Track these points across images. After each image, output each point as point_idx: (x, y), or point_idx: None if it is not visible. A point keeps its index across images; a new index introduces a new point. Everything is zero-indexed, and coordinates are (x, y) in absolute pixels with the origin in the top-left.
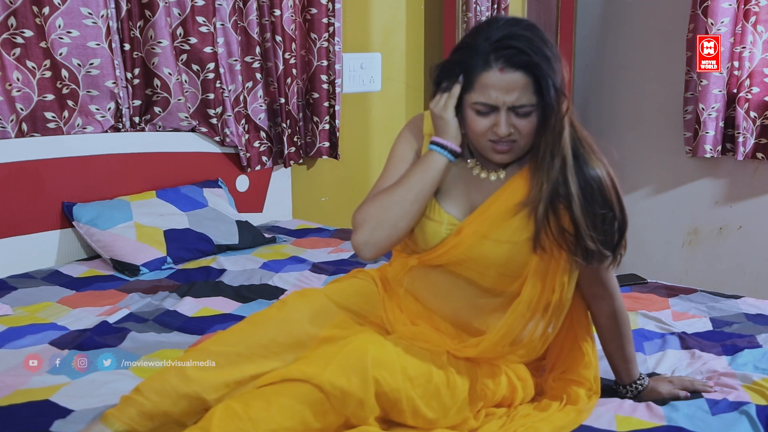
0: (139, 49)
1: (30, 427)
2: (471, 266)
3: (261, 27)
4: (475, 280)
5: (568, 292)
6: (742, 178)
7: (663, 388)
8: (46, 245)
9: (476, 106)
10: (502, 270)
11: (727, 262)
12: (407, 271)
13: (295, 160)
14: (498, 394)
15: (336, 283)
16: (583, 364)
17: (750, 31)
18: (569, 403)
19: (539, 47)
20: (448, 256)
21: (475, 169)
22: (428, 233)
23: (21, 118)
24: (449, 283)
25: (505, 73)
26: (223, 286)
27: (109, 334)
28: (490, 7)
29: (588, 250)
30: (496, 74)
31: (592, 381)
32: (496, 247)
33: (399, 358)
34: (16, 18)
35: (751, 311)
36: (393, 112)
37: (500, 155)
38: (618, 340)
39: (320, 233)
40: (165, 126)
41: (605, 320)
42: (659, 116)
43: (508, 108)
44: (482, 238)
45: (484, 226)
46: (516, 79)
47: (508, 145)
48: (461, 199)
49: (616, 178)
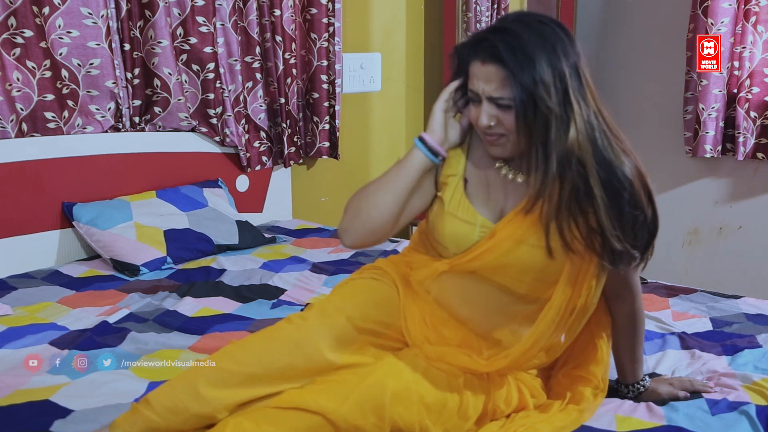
0: (139, 49)
1: (30, 427)
2: (507, 272)
3: (261, 27)
4: (509, 287)
5: (595, 297)
6: (742, 178)
7: (662, 389)
8: (46, 245)
9: (469, 94)
10: (539, 275)
11: (727, 262)
12: (436, 277)
13: (295, 160)
14: (509, 409)
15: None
16: (595, 360)
17: (750, 31)
18: (572, 402)
19: (519, 43)
20: (481, 261)
21: (503, 170)
22: (460, 236)
23: (21, 118)
24: (481, 290)
25: (485, 65)
26: (223, 286)
27: (109, 334)
28: (490, 7)
29: (615, 252)
30: (478, 65)
31: (600, 379)
32: (533, 252)
33: (417, 385)
34: (16, 18)
35: (751, 311)
36: (393, 112)
37: (492, 147)
38: (631, 340)
39: (320, 233)
40: (165, 126)
41: (624, 319)
42: (659, 116)
43: (489, 99)
44: (518, 242)
45: (520, 230)
46: (493, 72)
47: (495, 136)
48: (492, 201)
49: (647, 176)
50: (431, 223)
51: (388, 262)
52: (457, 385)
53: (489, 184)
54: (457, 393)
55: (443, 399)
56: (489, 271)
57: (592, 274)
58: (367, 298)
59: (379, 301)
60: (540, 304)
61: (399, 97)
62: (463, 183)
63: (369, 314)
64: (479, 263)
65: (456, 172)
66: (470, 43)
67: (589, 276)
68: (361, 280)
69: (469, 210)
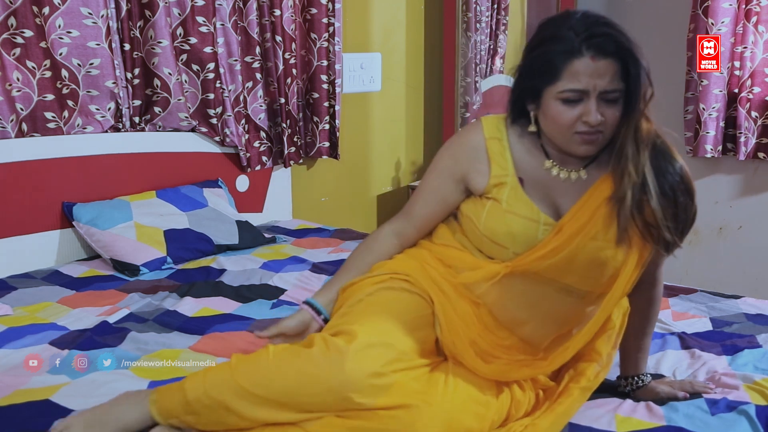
0: (139, 49)
1: (30, 427)
2: (574, 269)
3: (261, 27)
4: (573, 285)
5: (631, 285)
6: (742, 178)
7: (661, 389)
8: (46, 245)
9: (565, 94)
10: (604, 270)
11: (727, 262)
12: (495, 282)
13: (295, 160)
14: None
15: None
16: (604, 337)
17: (751, 31)
18: (573, 381)
19: (628, 38)
20: (551, 259)
21: (553, 170)
22: (522, 233)
23: (21, 118)
24: (543, 292)
25: (597, 60)
26: (223, 286)
27: (109, 334)
28: (490, 7)
29: (666, 241)
30: (587, 61)
31: (604, 357)
32: (602, 246)
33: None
34: (16, 18)
35: (751, 311)
36: (393, 112)
37: (586, 146)
38: (641, 327)
39: (320, 233)
40: (165, 126)
41: (643, 303)
42: (660, 116)
43: (601, 93)
44: (588, 237)
45: (588, 225)
46: (607, 65)
47: (595, 135)
48: (548, 200)
49: None
50: (486, 225)
51: (415, 262)
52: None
53: (540, 183)
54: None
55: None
56: (555, 270)
57: (638, 264)
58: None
59: (413, 320)
60: (598, 303)
61: (399, 97)
62: (520, 182)
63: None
64: (549, 262)
65: (508, 171)
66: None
67: (637, 266)
68: (390, 292)
69: (532, 207)
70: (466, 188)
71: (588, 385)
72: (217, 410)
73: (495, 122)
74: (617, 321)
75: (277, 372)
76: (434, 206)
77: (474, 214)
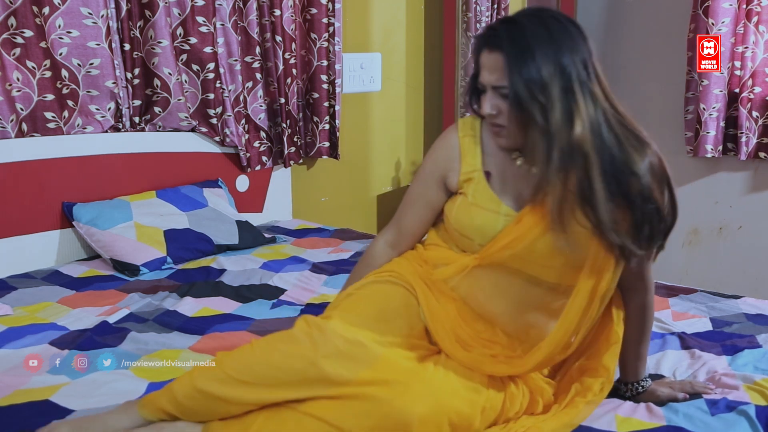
0: (139, 49)
1: (30, 427)
2: (536, 259)
3: (261, 27)
4: (540, 276)
5: (613, 283)
6: (743, 178)
7: (661, 391)
8: (46, 245)
9: (479, 85)
10: (567, 261)
11: (727, 262)
12: (466, 274)
13: (295, 160)
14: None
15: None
16: (611, 352)
17: (752, 31)
18: (579, 395)
19: (522, 34)
20: (512, 249)
21: (518, 161)
22: (484, 225)
23: (21, 118)
24: (511, 282)
25: (490, 53)
26: (223, 286)
27: (109, 334)
28: (490, 7)
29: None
30: (485, 54)
31: (610, 371)
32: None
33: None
34: (16, 18)
35: (751, 311)
36: (393, 112)
37: (495, 138)
38: (637, 335)
39: (320, 233)
40: (165, 126)
41: (637, 311)
42: (660, 116)
43: (492, 88)
44: (546, 229)
45: (546, 218)
46: (496, 60)
47: (497, 127)
48: (513, 191)
49: (667, 168)
50: (456, 218)
51: (404, 260)
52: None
53: (508, 175)
54: (482, 407)
55: (471, 417)
56: (519, 260)
57: (612, 261)
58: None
59: (397, 308)
60: (568, 296)
61: (399, 97)
62: (486, 176)
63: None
64: (510, 252)
65: (475, 167)
66: (482, 33)
67: (609, 262)
68: (376, 285)
69: (493, 199)
70: (446, 188)
71: (594, 399)
72: (206, 402)
73: (470, 121)
74: (621, 333)
75: (262, 355)
76: (421, 211)
77: (447, 209)
